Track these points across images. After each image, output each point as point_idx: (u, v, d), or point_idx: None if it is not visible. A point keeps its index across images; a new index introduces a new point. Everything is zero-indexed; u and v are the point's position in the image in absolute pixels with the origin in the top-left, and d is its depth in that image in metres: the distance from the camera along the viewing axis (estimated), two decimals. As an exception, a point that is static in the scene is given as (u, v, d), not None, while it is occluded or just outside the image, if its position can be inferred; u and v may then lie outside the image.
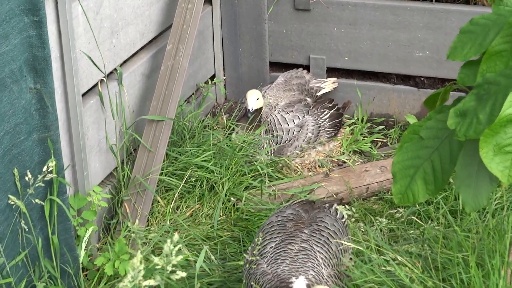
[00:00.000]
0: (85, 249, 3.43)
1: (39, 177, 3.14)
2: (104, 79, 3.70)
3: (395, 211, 3.89)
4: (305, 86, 4.71)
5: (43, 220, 3.27)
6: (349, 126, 4.79)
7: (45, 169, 3.16)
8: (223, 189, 4.03)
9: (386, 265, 3.02)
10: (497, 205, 3.55)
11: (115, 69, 3.83)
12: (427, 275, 3.00)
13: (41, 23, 3.03)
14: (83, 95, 3.58)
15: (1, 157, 3.01)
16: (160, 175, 3.95)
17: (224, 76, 5.05)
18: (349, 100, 4.87)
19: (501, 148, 2.03)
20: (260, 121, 4.42)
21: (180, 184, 4.01)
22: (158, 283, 2.25)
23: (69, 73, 3.36)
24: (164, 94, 3.98)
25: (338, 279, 3.12)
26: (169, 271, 2.11)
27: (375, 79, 4.88)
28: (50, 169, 3.16)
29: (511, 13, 2.24)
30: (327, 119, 4.57)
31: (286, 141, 4.44)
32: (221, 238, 3.86)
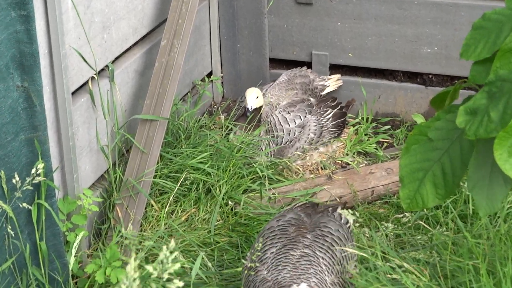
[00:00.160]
0: (75, 256, 3.43)
1: (27, 180, 3.14)
2: (95, 76, 3.70)
3: (402, 215, 3.89)
4: (309, 85, 4.71)
5: (31, 225, 3.27)
6: (353, 126, 4.80)
7: (33, 171, 3.16)
8: (221, 192, 4.03)
9: (392, 272, 3.03)
10: (509, 210, 3.55)
11: (107, 66, 3.83)
12: (435, 283, 3.01)
13: (28, 18, 3.03)
14: (73, 93, 3.58)
15: (-13, 158, 3.01)
16: (154, 178, 3.96)
17: (221, 73, 5.06)
18: (353, 98, 4.88)
19: (516, 149, 2.04)
20: (259, 121, 4.43)
21: (175, 187, 4.01)
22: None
23: (58, 70, 3.37)
24: (158, 92, 3.99)
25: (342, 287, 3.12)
26: (165, 279, 2.11)
27: (381, 77, 4.88)
28: (38, 171, 3.16)
29: (525, 7, 2.24)
30: (330, 119, 4.58)
31: (287, 142, 4.44)
32: (218, 244, 3.86)
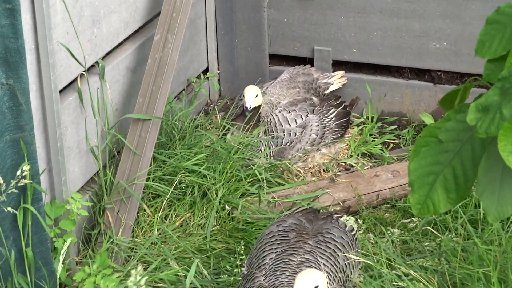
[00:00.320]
0: (62, 263, 3.43)
1: (12, 183, 3.14)
2: (84, 73, 3.70)
3: (409, 220, 3.89)
4: (312, 84, 4.71)
5: (16, 230, 3.27)
6: (358, 125, 4.80)
7: (18, 173, 3.16)
8: (217, 196, 4.04)
9: (398, 281, 3.03)
10: (522, 215, 3.55)
11: (97, 62, 3.83)
12: (443, 292, 3.01)
13: (14, 11, 3.03)
14: (61, 91, 3.58)
15: (-30, 160, 3.01)
16: (146, 181, 3.96)
17: (218, 70, 5.06)
18: (358, 96, 4.88)
19: (522, 141, 2.04)
20: (258, 121, 4.43)
21: (169, 190, 4.01)
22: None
23: (45, 66, 3.37)
24: (151, 90, 3.99)
25: (344, 297, 3.12)
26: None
27: (387, 74, 4.88)
28: (24, 174, 3.16)
29: (542, 0, 2.24)
30: (333, 118, 4.58)
31: (287, 143, 4.45)
32: (214, 250, 3.86)
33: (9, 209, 3.18)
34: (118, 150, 4.05)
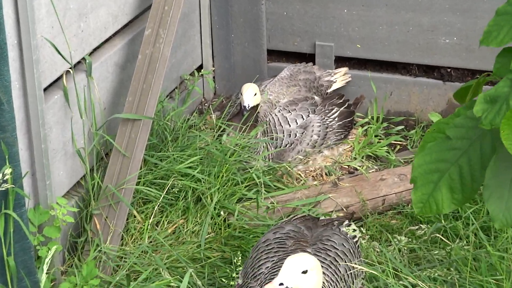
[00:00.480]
0: (47, 273, 3.43)
1: (-7, 187, 3.15)
2: (70, 70, 3.70)
3: (417, 227, 3.89)
4: (314, 83, 4.71)
5: (-3, 238, 3.27)
6: (362, 126, 4.80)
7: (-1, 177, 3.16)
8: (212, 201, 4.04)
9: (405, 292, 3.03)
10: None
11: (84, 59, 3.83)
12: (454, 304, 3.01)
13: (-5, 4, 3.03)
14: (45, 90, 3.58)
15: None
16: (136, 185, 3.96)
17: (213, 66, 5.06)
18: (362, 95, 4.88)
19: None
20: (256, 121, 4.43)
21: (160, 195, 4.01)
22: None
23: (29, 63, 3.36)
24: (141, 88, 3.99)
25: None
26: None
27: (393, 71, 4.89)
28: (5, 178, 3.16)
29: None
30: (336, 119, 4.58)
31: (287, 144, 4.44)
32: (209, 259, 3.86)
33: (-10, 215, 3.18)
34: (106, 152, 4.05)
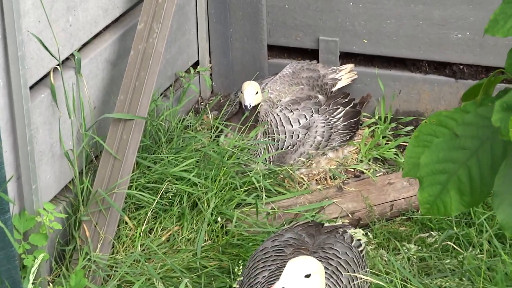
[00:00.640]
0: (33, 283, 3.42)
1: (-25, 192, 3.15)
2: (57, 67, 3.70)
3: (427, 235, 3.89)
4: (318, 81, 4.71)
5: (-20, 246, 3.27)
6: (369, 126, 4.80)
7: (-18, 181, 3.16)
8: (209, 207, 4.03)
9: (414, 304, 3.03)
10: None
11: (72, 55, 3.83)
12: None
13: (-23, -3, 3.03)
14: (31, 88, 3.58)
15: None
16: (128, 189, 3.96)
17: (210, 63, 5.06)
18: (369, 94, 4.88)
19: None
20: (256, 121, 4.43)
21: (154, 200, 4.01)
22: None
23: (14, 59, 3.36)
24: (134, 86, 3.99)
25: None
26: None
27: (402, 67, 4.88)
28: (-12, 182, 3.16)
29: None
30: (341, 119, 4.58)
31: (289, 146, 4.44)
32: (206, 269, 3.86)
33: (-28, 222, 3.18)
34: (96, 154, 4.05)
